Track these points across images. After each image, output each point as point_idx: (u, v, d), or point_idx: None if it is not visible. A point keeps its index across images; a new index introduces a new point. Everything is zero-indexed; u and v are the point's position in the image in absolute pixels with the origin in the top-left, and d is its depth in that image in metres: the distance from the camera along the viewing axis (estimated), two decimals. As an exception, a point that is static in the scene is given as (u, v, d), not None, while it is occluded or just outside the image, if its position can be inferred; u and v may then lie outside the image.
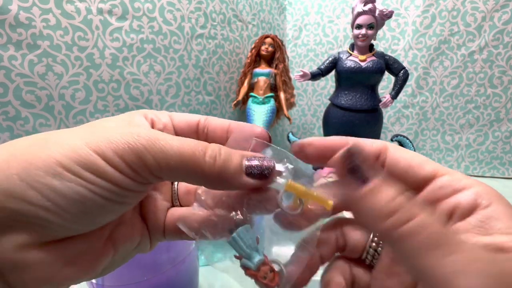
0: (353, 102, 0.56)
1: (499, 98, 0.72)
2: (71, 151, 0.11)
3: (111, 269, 0.15)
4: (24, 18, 0.44)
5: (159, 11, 0.58)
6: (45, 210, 0.11)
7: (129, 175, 0.12)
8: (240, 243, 0.15)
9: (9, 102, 0.45)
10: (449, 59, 0.73)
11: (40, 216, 0.11)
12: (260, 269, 0.14)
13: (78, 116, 0.52)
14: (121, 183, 0.12)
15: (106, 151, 0.12)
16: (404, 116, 0.80)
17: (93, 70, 0.52)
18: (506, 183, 0.71)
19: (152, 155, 0.12)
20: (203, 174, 0.13)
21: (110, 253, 0.14)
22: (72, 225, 0.12)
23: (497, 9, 0.67)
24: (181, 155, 0.12)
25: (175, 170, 0.12)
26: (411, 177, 0.13)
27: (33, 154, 0.11)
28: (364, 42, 0.55)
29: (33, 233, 0.11)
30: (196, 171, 0.13)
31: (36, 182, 0.11)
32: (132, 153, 0.12)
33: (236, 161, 0.13)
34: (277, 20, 0.87)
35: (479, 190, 0.12)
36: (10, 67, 0.44)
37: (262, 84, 0.67)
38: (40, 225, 0.11)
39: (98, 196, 0.12)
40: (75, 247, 0.13)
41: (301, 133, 0.96)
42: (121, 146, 0.12)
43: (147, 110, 0.15)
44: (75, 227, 0.12)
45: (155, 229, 0.17)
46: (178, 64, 0.63)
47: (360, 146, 0.12)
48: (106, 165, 0.12)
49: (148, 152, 0.12)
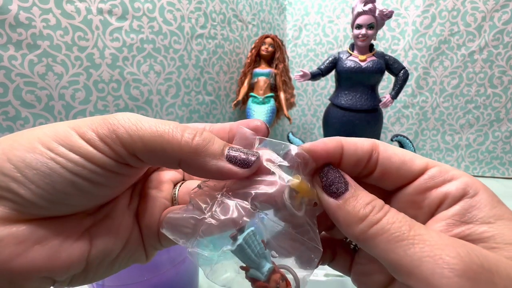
0: (353, 102, 0.56)
1: (499, 98, 0.72)
2: (53, 131, 0.12)
3: (85, 279, 0.14)
4: (24, 18, 0.44)
5: (159, 11, 0.58)
6: (16, 182, 0.11)
7: (102, 149, 0.12)
8: (247, 251, 0.13)
9: (9, 102, 0.45)
10: (449, 59, 0.73)
11: (11, 188, 0.11)
12: (271, 279, 0.13)
13: (78, 116, 0.52)
14: (93, 158, 0.12)
15: (83, 127, 0.12)
16: (404, 116, 0.80)
17: (93, 70, 0.52)
18: (506, 183, 0.71)
19: (125, 129, 0.12)
20: (179, 149, 0.12)
21: (84, 247, 0.13)
22: (44, 203, 0.12)
23: (497, 9, 0.67)
24: (157, 130, 0.12)
25: (149, 145, 0.12)
26: (405, 171, 0.14)
27: (21, 134, 0.12)
28: (364, 42, 0.55)
29: (6, 207, 0.11)
30: (172, 147, 0.12)
31: (13, 156, 0.11)
32: (105, 126, 0.12)
33: (218, 145, 0.13)
34: (277, 20, 0.87)
35: (468, 180, 0.12)
36: (10, 67, 0.44)
37: (262, 84, 0.67)
38: (12, 199, 0.11)
39: (68, 172, 0.12)
40: (47, 228, 0.12)
41: (301, 133, 0.96)
42: (97, 122, 0.12)
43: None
44: (47, 206, 0.12)
45: (149, 231, 0.16)
46: (178, 64, 0.63)
47: (334, 166, 0.14)
48: (79, 139, 0.12)
49: (122, 126, 0.12)
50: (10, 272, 0.11)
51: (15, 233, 0.11)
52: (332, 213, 0.13)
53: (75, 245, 0.13)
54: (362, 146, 0.14)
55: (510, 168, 0.75)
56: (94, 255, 0.13)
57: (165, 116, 0.63)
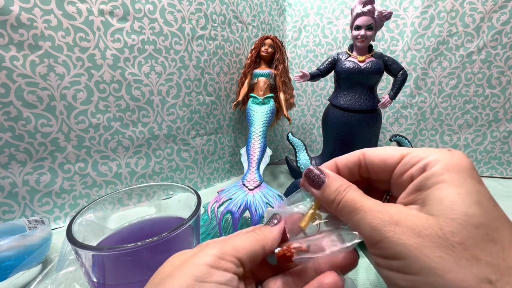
0: (352, 102, 0.57)
1: (497, 99, 0.73)
2: (193, 273, 0.15)
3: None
4: (26, 19, 0.45)
5: (160, 12, 0.58)
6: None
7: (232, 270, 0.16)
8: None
9: (10, 103, 0.46)
10: (447, 59, 0.74)
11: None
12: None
13: (80, 116, 0.52)
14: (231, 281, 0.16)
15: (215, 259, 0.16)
16: (403, 117, 0.80)
17: (94, 70, 0.52)
18: (504, 183, 0.72)
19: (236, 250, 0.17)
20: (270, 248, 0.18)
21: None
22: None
23: (495, 10, 0.68)
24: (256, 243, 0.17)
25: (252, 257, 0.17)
26: (387, 167, 0.17)
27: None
28: (363, 43, 0.55)
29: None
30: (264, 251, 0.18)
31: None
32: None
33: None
34: (277, 22, 0.88)
35: (431, 159, 0.15)
36: (12, 68, 0.45)
37: (262, 84, 0.68)
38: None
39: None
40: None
41: (300, 133, 0.97)
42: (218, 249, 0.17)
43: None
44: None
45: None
46: (179, 65, 0.63)
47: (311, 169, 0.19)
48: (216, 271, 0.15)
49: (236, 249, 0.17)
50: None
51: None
52: (318, 199, 0.19)
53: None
54: (350, 159, 0.19)
55: (508, 168, 0.76)
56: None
57: (166, 116, 0.63)
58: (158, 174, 0.65)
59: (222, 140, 0.76)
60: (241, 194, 0.47)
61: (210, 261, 0.15)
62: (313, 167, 0.19)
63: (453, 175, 0.14)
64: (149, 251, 0.22)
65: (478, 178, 0.15)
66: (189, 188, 0.30)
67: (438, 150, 0.16)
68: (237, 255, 0.16)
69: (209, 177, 0.75)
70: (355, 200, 0.16)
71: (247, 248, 0.17)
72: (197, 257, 0.16)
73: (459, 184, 0.14)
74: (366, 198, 0.16)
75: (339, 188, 0.17)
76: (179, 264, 0.16)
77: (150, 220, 0.32)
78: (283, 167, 0.87)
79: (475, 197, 0.13)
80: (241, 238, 0.17)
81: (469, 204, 0.13)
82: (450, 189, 0.14)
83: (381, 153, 0.18)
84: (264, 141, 0.61)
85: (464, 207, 0.13)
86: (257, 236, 0.18)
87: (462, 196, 0.13)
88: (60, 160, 0.52)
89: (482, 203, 0.13)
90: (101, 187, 0.57)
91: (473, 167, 0.15)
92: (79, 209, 0.44)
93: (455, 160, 0.15)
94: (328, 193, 0.18)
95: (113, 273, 0.24)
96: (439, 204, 0.14)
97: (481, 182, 0.14)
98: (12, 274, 0.35)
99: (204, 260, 0.15)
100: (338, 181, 0.18)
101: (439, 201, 0.14)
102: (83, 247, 0.21)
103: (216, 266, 0.15)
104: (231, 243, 0.17)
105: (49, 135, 0.50)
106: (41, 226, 0.41)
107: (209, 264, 0.15)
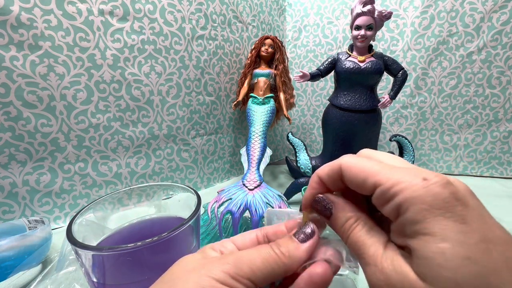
0: (352, 102, 0.57)
1: (497, 99, 0.73)
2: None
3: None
4: (26, 19, 0.45)
5: (160, 12, 0.58)
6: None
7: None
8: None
9: (10, 103, 0.46)
10: (447, 59, 0.74)
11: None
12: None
13: (80, 116, 0.52)
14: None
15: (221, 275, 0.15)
16: (403, 116, 0.80)
17: (94, 70, 0.52)
18: (504, 183, 0.72)
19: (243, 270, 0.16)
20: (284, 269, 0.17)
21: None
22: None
23: (495, 10, 0.68)
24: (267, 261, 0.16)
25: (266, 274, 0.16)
26: (363, 190, 0.16)
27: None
28: (363, 43, 0.56)
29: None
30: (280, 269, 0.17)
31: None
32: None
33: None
34: (277, 21, 0.88)
35: (401, 199, 0.14)
36: (12, 68, 0.45)
37: (262, 84, 0.68)
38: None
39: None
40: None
41: (300, 133, 0.97)
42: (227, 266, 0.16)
43: (213, 244, 0.19)
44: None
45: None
46: (179, 65, 0.63)
47: (321, 197, 0.19)
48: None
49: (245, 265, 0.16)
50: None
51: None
52: (329, 225, 0.19)
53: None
54: (331, 172, 0.18)
55: (508, 168, 0.76)
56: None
57: (166, 116, 0.63)
58: (158, 174, 0.65)
59: (222, 140, 0.76)
60: (241, 194, 0.47)
61: (221, 278, 0.15)
62: (319, 197, 0.18)
63: (431, 222, 0.13)
64: (149, 251, 0.22)
65: (462, 212, 0.13)
66: (189, 188, 0.30)
67: (411, 180, 0.14)
68: (253, 278, 0.15)
69: (209, 177, 0.75)
70: (358, 244, 0.16)
71: (265, 271, 0.15)
72: (209, 268, 0.15)
73: (441, 235, 0.13)
74: (370, 241, 0.16)
75: (345, 225, 0.17)
76: (192, 268, 0.16)
77: (150, 220, 0.32)
78: (283, 167, 0.87)
79: (462, 252, 0.12)
80: (261, 257, 0.16)
81: (457, 265, 0.12)
82: (432, 245, 0.13)
83: (356, 176, 0.16)
84: (264, 141, 0.61)
85: (452, 273, 0.12)
86: (281, 256, 0.16)
87: (447, 256, 0.12)
88: (60, 160, 0.52)
89: (471, 259, 0.12)
90: (101, 187, 0.57)
91: (454, 197, 0.13)
92: (79, 209, 0.44)
93: (430, 198, 0.13)
94: (335, 228, 0.18)
95: (113, 273, 0.24)
96: (426, 267, 0.13)
97: (465, 219, 0.13)
98: (12, 274, 0.35)
99: (215, 274, 0.15)
100: (345, 215, 0.17)
101: (425, 262, 0.13)
102: (83, 247, 0.21)
103: (227, 284, 0.14)
104: (249, 264, 0.15)
105: (49, 135, 0.50)
106: (41, 226, 0.41)
107: (220, 281, 0.14)
